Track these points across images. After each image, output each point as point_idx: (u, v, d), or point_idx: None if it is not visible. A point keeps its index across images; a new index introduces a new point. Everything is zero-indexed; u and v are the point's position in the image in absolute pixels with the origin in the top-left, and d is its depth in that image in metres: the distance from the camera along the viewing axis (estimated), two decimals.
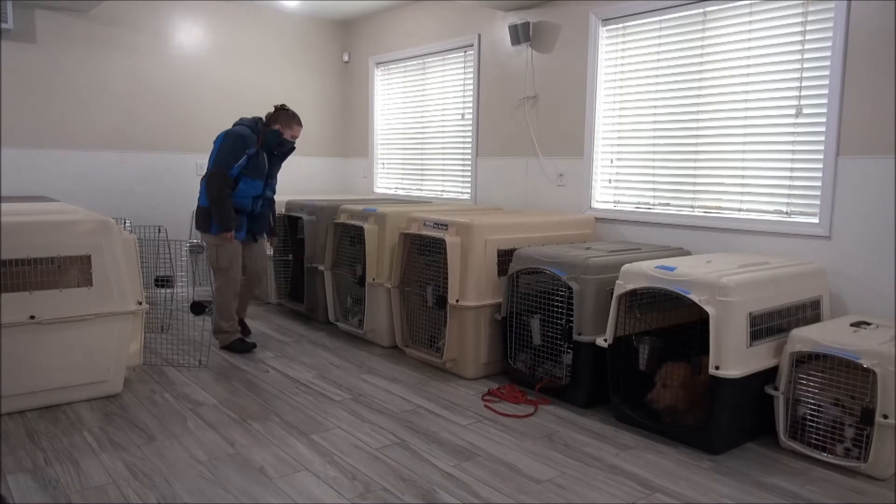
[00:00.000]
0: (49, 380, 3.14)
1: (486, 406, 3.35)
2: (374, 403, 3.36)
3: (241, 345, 4.16)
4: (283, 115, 4.13)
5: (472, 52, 5.23)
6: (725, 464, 2.74)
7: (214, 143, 4.00)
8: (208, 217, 3.97)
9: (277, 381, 3.68)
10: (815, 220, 3.35)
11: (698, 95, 3.81)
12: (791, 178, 3.45)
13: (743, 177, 3.64)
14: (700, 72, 3.79)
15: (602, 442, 2.94)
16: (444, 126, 5.56)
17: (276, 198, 5.50)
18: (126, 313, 3.30)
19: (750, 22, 3.56)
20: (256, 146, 4.01)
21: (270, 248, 4.71)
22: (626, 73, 4.18)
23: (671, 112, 3.96)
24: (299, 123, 4.19)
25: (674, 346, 3.21)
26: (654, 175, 4.08)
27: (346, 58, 6.63)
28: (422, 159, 5.83)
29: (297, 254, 5.13)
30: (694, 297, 2.82)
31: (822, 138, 3.30)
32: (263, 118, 4.15)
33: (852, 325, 2.90)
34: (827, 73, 3.27)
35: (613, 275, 3.27)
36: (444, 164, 5.59)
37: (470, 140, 5.29)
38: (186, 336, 4.58)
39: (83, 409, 3.19)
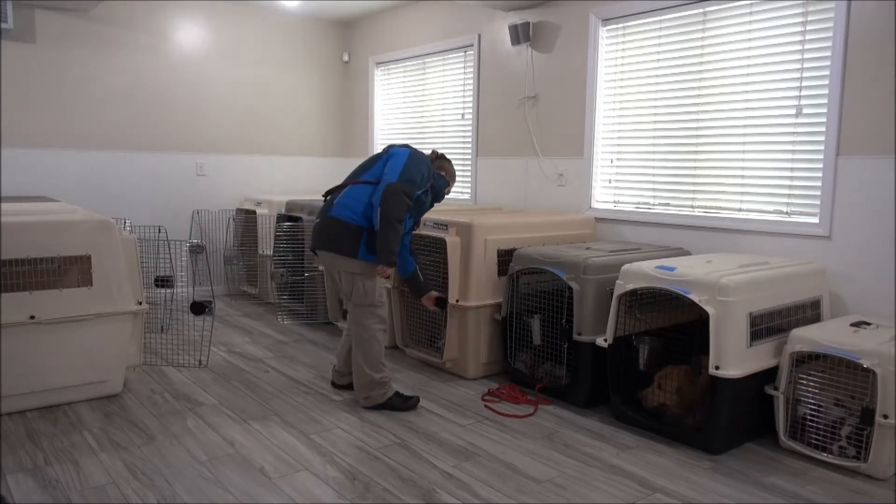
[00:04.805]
0: (49, 380, 3.14)
1: (486, 406, 3.35)
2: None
3: (403, 401, 3.26)
4: (449, 165, 3.45)
5: (472, 52, 5.23)
6: (725, 464, 2.74)
7: (391, 155, 3.18)
8: (358, 237, 3.08)
9: (277, 381, 3.67)
10: (815, 220, 3.35)
11: (698, 95, 3.81)
12: (791, 178, 3.45)
13: (743, 177, 3.64)
14: (700, 72, 3.79)
15: (602, 442, 2.94)
16: (444, 126, 5.56)
17: (276, 198, 5.54)
18: (126, 313, 3.30)
19: (750, 22, 3.56)
20: (429, 185, 3.28)
21: None
22: (626, 73, 4.18)
23: (671, 112, 3.96)
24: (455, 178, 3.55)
25: (674, 346, 3.21)
26: (653, 175, 4.08)
27: (346, 58, 6.63)
28: None
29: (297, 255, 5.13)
30: (694, 297, 2.82)
31: (822, 138, 3.30)
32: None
33: (852, 325, 2.90)
34: (827, 73, 3.27)
35: (613, 275, 3.27)
36: None
37: (470, 140, 5.29)
38: (186, 336, 4.58)
39: (83, 409, 3.19)
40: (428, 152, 3.42)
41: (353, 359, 3.24)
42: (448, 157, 3.31)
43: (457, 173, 5.41)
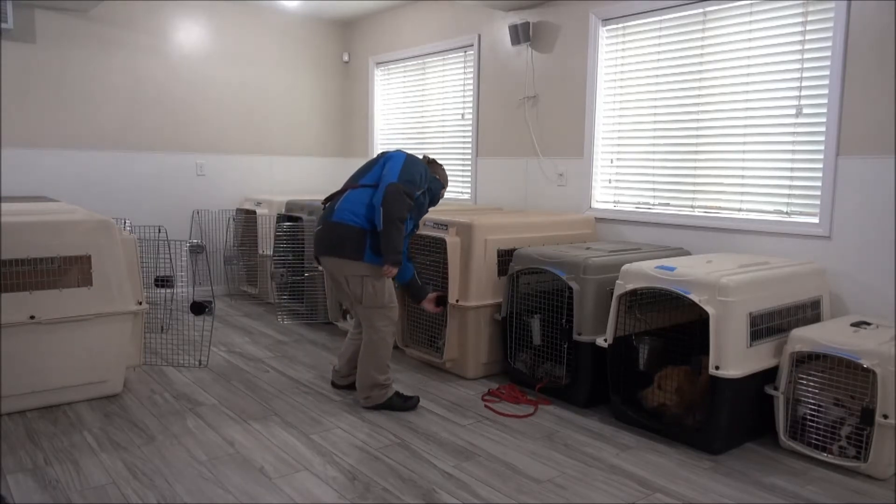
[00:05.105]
0: (49, 380, 3.14)
1: (486, 406, 3.35)
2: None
3: (403, 401, 3.27)
4: (441, 170, 3.48)
5: (472, 52, 5.23)
6: (725, 464, 2.74)
7: (388, 158, 3.22)
8: (362, 240, 3.09)
9: (277, 381, 3.68)
10: (815, 220, 3.35)
11: (698, 95, 3.81)
12: (791, 178, 3.45)
13: (743, 177, 3.64)
14: (700, 72, 3.79)
15: (602, 442, 2.94)
16: (444, 126, 5.56)
17: (276, 198, 5.54)
18: (126, 313, 3.30)
19: (750, 22, 3.56)
20: (426, 186, 3.30)
21: None
22: (626, 73, 4.18)
23: (671, 112, 3.96)
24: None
25: (674, 346, 3.21)
26: (653, 175, 4.08)
27: (346, 58, 6.63)
28: None
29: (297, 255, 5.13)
30: (694, 297, 2.82)
31: (822, 138, 3.30)
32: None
33: (852, 325, 2.90)
34: (827, 73, 3.27)
35: (613, 275, 3.27)
36: (444, 164, 5.58)
37: (470, 140, 5.29)
38: (186, 336, 4.58)
39: (83, 409, 3.19)
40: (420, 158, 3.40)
41: (360, 359, 3.23)
42: (447, 158, 3.30)
43: (458, 173, 5.42)
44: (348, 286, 3.17)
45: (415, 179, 3.13)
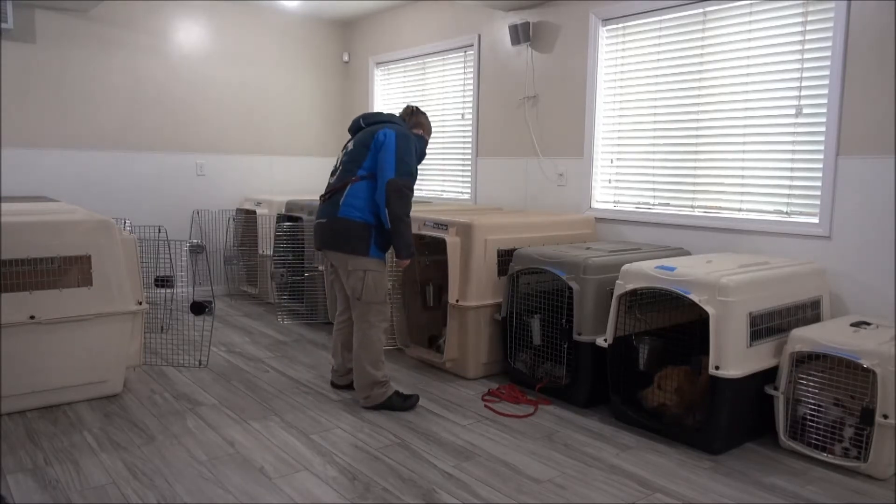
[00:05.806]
0: (49, 380, 3.14)
1: (486, 406, 3.35)
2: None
3: (402, 401, 3.26)
4: (425, 119, 3.47)
5: (472, 52, 5.23)
6: (725, 464, 2.74)
7: (379, 145, 3.13)
8: (367, 235, 3.13)
9: (277, 381, 3.68)
10: (815, 220, 3.35)
11: (698, 95, 3.81)
12: (791, 178, 3.45)
13: (743, 177, 3.64)
14: (700, 72, 3.79)
15: (602, 442, 2.94)
16: (444, 126, 5.56)
17: (276, 198, 5.54)
18: (126, 313, 3.30)
19: (750, 22, 3.56)
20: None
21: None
22: (626, 73, 4.18)
23: (671, 112, 3.96)
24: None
25: (674, 346, 3.21)
26: (653, 175, 4.08)
27: (346, 58, 6.63)
28: None
29: (297, 254, 5.13)
30: (694, 297, 2.82)
31: (822, 138, 3.30)
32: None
33: (852, 325, 2.90)
34: (827, 73, 3.27)
35: (613, 275, 3.27)
36: (443, 164, 5.59)
37: (470, 140, 5.29)
38: (186, 336, 4.58)
39: (83, 409, 3.19)
40: (409, 125, 3.38)
41: (355, 358, 3.24)
42: (447, 158, 3.24)
43: (458, 173, 5.43)
44: (348, 281, 3.19)
45: (411, 167, 3.15)
